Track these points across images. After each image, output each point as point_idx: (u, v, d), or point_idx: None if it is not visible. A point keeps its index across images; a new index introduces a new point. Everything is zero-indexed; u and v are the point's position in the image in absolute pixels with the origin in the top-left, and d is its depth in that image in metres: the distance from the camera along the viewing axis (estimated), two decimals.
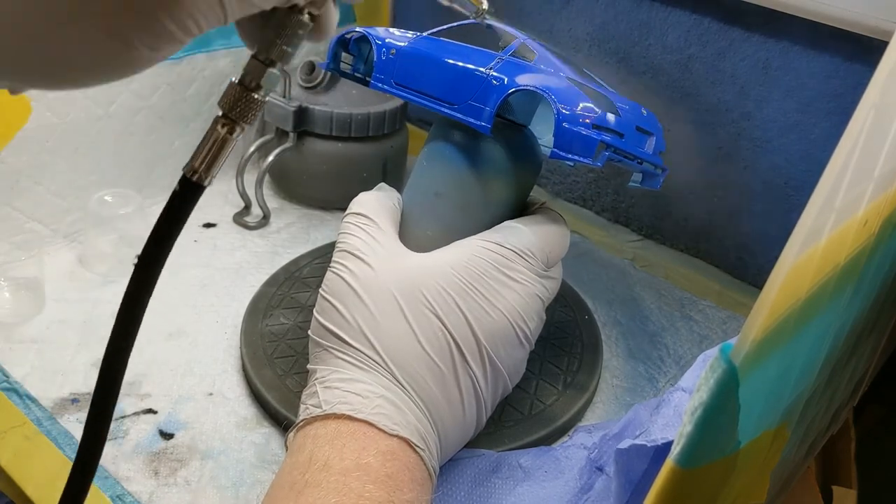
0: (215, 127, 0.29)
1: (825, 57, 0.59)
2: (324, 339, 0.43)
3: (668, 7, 0.66)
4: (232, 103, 0.29)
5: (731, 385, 0.22)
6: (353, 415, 0.39)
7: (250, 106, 0.29)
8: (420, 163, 0.49)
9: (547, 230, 0.47)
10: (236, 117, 0.29)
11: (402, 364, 0.41)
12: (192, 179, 0.29)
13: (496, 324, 0.43)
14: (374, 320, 0.42)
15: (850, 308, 0.33)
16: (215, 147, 0.29)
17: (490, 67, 0.46)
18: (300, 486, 0.36)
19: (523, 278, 0.44)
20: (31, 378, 0.51)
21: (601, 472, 0.45)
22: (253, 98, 0.29)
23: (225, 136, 0.29)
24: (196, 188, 0.29)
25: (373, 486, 0.36)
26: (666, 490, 0.23)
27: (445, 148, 0.48)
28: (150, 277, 0.30)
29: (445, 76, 0.47)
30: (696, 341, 0.61)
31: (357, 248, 0.44)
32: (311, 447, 0.38)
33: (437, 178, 0.48)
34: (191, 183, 0.29)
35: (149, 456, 0.47)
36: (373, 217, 0.46)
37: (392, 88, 0.49)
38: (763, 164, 0.65)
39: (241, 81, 0.29)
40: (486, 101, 0.45)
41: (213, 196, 0.72)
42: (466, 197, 0.47)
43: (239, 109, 0.29)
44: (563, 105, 0.43)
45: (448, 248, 0.45)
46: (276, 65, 0.30)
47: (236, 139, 0.30)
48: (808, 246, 0.22)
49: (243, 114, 0.29)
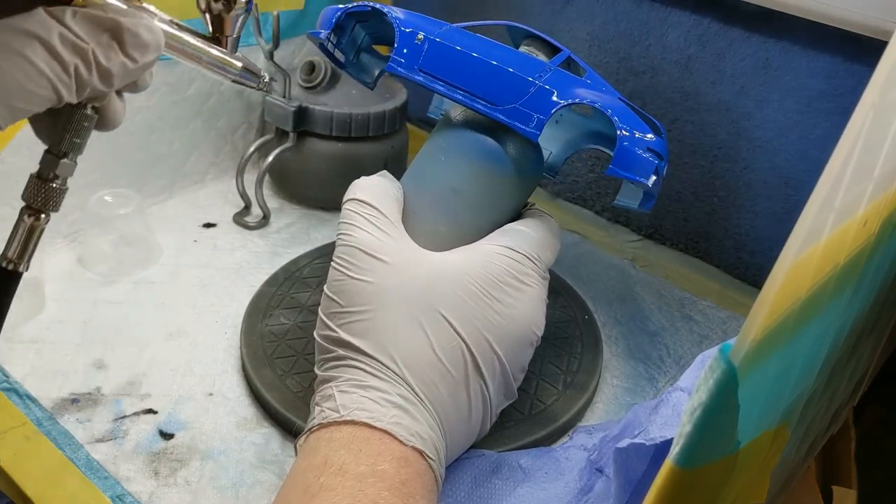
0: (22, 217, 0.32)
1: (825, 57, 0.59)
2: (337, 346, 0.42)
3: (668, 7, 0.66)
4: (34, 194, 0.33)
5: (731, 385, 0.22)
6: (372, 423, 0.39)
7: (50, 195, 0.33)
8: (434, 156, 0.48)
9: (545, 233, 0.47)
10: (39, 206, 0.33)
11: (418, 374, 0.41)
12: (8, 268, 0.32)
13: (511, 330, 0.43)
14: (391, 330, 0.41)
15: (850, 308, 0.33)
16: (24, 235, 0.32)
17: (541, 74, 0.46)
18: (315, 489, 0.36)
19: (533, 282, 0.45)
20: (31, 378, 0.51)
21: (601, 473, 0.45)
22: (52, 188, 0.33)
23: (32, 223, 0.32)
24: (13, 275, 0.32)
25: (388, 493, 0.36)
26: (665, 490, 0.23)
27: (466, 144, 0.47)
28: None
29: (488, 73, 0.46)
30: (696, 341, 0.61)
31: (367, 244, 0.43)
32: (326, 450, 0.38)
33: (455, 173, 0.47)
34: (6, 271, 0.32)
35: (149, 456, 0.47)
36: (378, 206, 0.45)
37: (414, 74, 0.47)
38: (763, 164, 0.65)
39: (39, 174, 0.33)
40: (539, 108, 0.45)
41: (213, 196, 0.72)
42: (483, 196, 0.47)
43: (41, 199, 0.32)
44: (625, 126, 0.44)
45: (461, 251, 0.45)
46: (69, 155, 0.33)
47: (44, 225, 0.33)
48: (807, 246, 0.22)
49: (45, 202, 0.33)
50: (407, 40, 0.47)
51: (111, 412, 0.49)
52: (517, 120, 0.45)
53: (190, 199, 0.71)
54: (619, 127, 0.44)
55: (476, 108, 0.46)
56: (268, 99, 0.68)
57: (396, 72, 0.47)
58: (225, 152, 0.75)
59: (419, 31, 0.47)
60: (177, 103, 0.67)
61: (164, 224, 0.67)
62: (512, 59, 0.47)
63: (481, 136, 0.47)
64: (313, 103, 0.68)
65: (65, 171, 0.32)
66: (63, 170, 0.32)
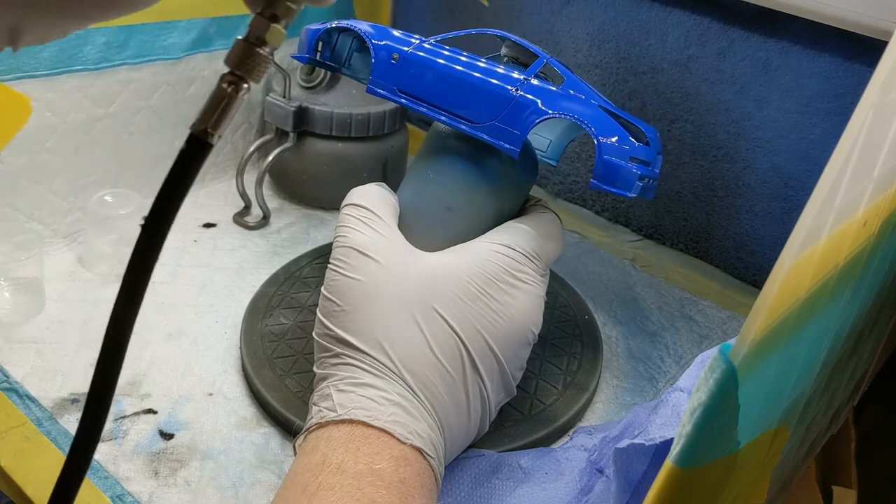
0: (221, 85, 0.29)
1: (825, 57, 0.59)
2: (334, 344, 0.42)
3: (668, 7, 0.66)
4: (239, 59, 0.29)
5: (731, 385, 0.22)
6: (370, 422, 0.39)
7: (257, 61, 0.29)
8: (424, 174, 0.48)
9: (546, 231, 0.47)
10: (244, 73, 0.29)
11: (415, 372, 0.41)
12: (201, 138, 0.29)
13: (508, 329, 0.43)
14: (387, 327, 0.41)
15: (850, 308, 0.33)
16: (223, 105, 0.29)
17: (517, 88, 0.45)
18: (313, 488, 0.36)
19: (531, 280, 0.45)
20: (31, 378, 0.51)
21: (601, 473, 0.45)
22: (259, 53, 0.29)
23: (231, 93, 0.29)
24: (204, 146, 0.29)
25: (386, 492, 0.36)
26: (666, 490, 0.23)
27: (456, 162, 0.47)
28: (157, 237, 0.30)
29: (463, 91, 0.46)
30: (696, 341, 0.61)
31: (362, 244, 0.43)
32: (325, 449, 0.38)
33: (447, 192, 0.47)
34: (198, 140, 0.29)
35: (149, 456, 0.47)
36: (374, 210, 0.45)
37: (394, 96, 0.48)
38: (763, 164, 0.65)
39: (247, 38, 0.30)
40: (515, 123, 0.44)
41: (213, 196, 0.72)
42: (478, 209, 0.47)
43: (247, 65, 0.29)
44: (603, 137, 0.43)
45: (457, 250, 0.45)
46: (281, 21, 0.30)
47: (241, 98, 0.30)
48: (807, 246, 0.22)
49: (250, 70, 0.30)
50: (382, 59, 0.48)
51: (111, 412, 0.49)
52: (498, 137, 0.45)
53: (190, 199, 0.70)
54: (596, 137, 0.43)
55: (459, 128, 0.46)
56: (268, 99, 0.68)
57: (377, 94, 0.48)
58: (225, 152, 0.75)
59: (394, 51, 0.48)
60: (177, 103, 0.67)
61: None
62: (487, 72, 0.46)
63: (469, 152, 0.47)
64: (313, 103, 0.68)
65: (274, 39, 0.30)
66: (273, 36, 0.29)
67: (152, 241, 0.29)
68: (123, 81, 0.63)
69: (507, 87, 0.45)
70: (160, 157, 0.68)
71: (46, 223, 0.62)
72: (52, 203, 0.61)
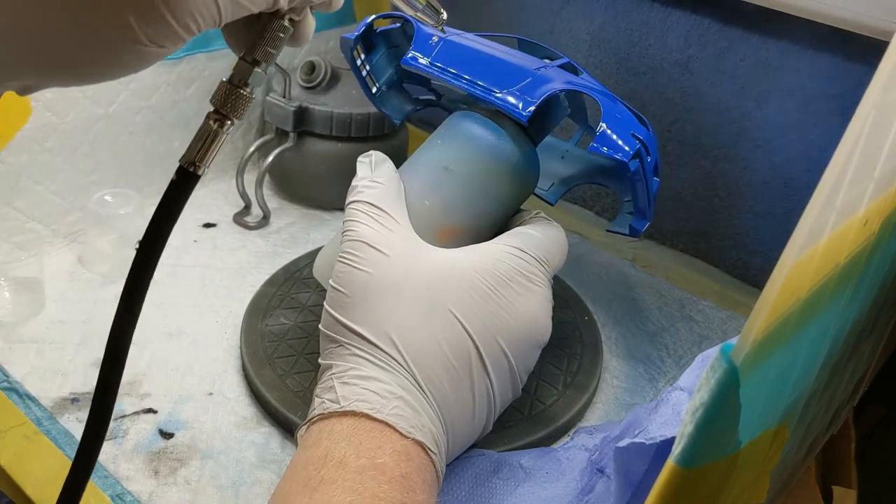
0: (207, 122, 0.33)
1: (825, 57, 0.59)
2: (340, 334, 0.42)
3: (668, 7, 0.66)
4: (224, 99, 0.33)
5: (732, 385, 0.22)
6: (372, 414, 0.39)
7: (239, 101, 0.33)
8: (432, 141, 0.50)
9: (553, 238, 0.47)
10: (227, 112, 0.33)
11: (421, 365, 0.41)
12: (189, 170, 0.32)
13: (518, 329, 0.43)
14: (396, 319, 0.41)
15: (850, 308, 0.33)
16: (207, 140, 0.32)
17: (539, 69, 0.49)
18: (315, 482, 0.36)
19: (541, 283, 0.45)
20: (31, 378, 0.51)
21: (602, 473, 0.45)
22: (241, 94, 0.33)
23: (216, 129, 0.33)
24: (192, 177, 0.33)
25: (388, 486, 0.36)
26: (667, 490, 0.23)
27: (466, 131, 0.49)
28: (150, 261, 0.33)
29: (491, 66, 0.49)
30: (696, 341, 0.61)
31: (371, 238, 0.43)
32: (327, 443, 0.38)
33: (450, 154, 0.48)
34: (188, 172, 0.32)
35: (149, 455, 0.47)
36: (383, 207, 0.44)
37: (427, 67, 0.50)
38: (763, 164, 0.65)
39: (231, 80, 0.33)
40: (531, 94, 0.47)
41: (213, 196, 0.72)
42: (474, 178, 0.48)
43: (230, 105, 0.33)
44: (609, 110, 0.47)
45: (470, 249, 0.45)
46: (261, 65, 0.33)
47: (226, 133, 0.33)
48: (808, 245, 0.22)
49: (233, 108, 0.33)
50: (423, 39, 0.51)
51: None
52: (509, 103, 0.47)
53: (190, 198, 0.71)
54: (604, 108, 0.47)
55: (475, 92, 0.48)
56: (268, 99, 0.68)
57: (410, 64, 0.51)
58: (225, 152, 0.75)
59: (435, 35, 0.51)
60: (177, 103, 0.67)
61: None
62: (517, 55, 0.51)
63: (478, 123, 0.49)
64: (313, 103, 0.68)
65: (256, 80, 0.33)
66: (255, 78, 0.33)
67: (147, 261, 0.33)
68: (123, 81, 0.63)
69: (533, 65, 0.50)
70: (160, 157, 0.68)
71: (46, 223, 0.62)
72: (52, 203, 0.61)
